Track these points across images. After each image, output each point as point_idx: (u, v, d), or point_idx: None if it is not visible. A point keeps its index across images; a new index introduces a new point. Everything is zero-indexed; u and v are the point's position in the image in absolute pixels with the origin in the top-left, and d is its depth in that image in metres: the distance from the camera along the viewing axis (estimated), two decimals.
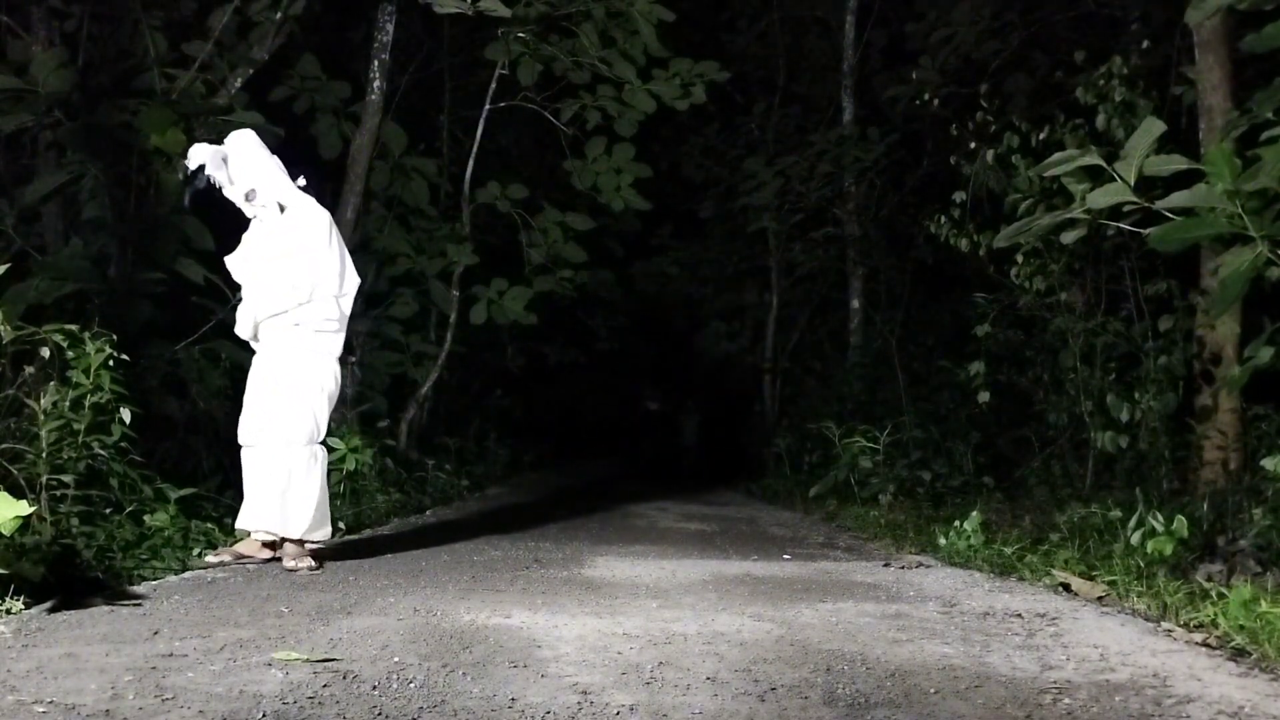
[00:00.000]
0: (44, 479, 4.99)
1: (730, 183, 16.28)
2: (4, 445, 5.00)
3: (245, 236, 5.36)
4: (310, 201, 5.41)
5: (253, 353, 5.45)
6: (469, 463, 12.69)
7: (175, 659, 3.16)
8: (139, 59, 8.69)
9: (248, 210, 5.32)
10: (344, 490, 7.47)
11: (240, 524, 5.34)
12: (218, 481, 6.59)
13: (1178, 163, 4.58)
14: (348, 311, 5.43)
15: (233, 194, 5.29)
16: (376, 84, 11.20)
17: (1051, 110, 8.39)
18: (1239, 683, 3.13)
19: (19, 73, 7.68)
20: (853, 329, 14.64)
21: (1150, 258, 7.57)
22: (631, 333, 20.12)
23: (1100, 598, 4.69)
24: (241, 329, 5.41)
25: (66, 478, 5.07)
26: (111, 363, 5.36)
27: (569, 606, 4.31)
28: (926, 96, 10.26)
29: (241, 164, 5.36)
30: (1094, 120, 7.57)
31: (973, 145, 8.70)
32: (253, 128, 8.76)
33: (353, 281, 5.43)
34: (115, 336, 5.46)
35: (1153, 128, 4.66)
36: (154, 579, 4.89)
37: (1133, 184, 4.70)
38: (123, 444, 5.51)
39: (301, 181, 5.44)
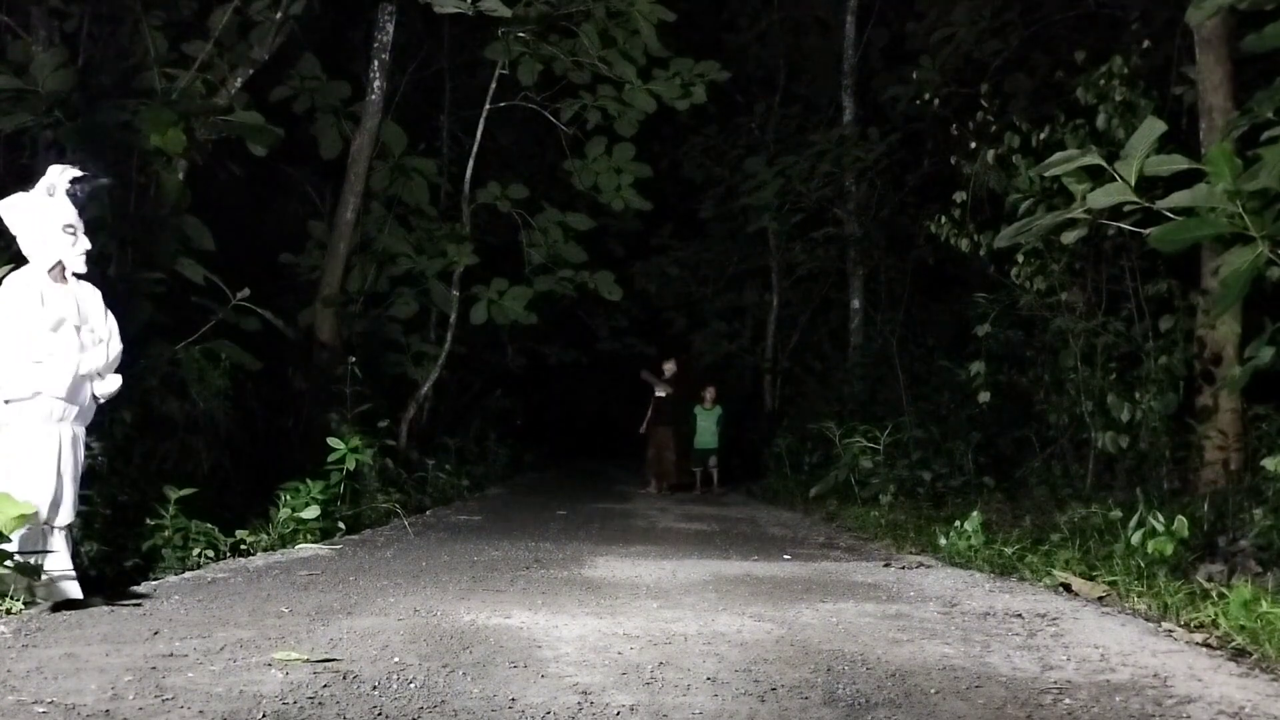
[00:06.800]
0: None
1: (730, 183, 16.27)
2: None
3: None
4: None
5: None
6: (469, 463, 12.68)
7: (175, 659, 3.16)
8: (139, 59, 8.68)
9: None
10: (344, 490, 7.48)
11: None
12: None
13: (1178, 163, 4.58)
14: None
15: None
16: (376, 84, 11.20)
17: (1052, 110, 8.38)
18: (1239, 683, 3.12)
19: (19, 73, 7.67)
20: (853, 329, 14.63)
21: (1151, 258, 7.57)
22: (631, 333, 20.01)
23: (1101, 598, 4.69)
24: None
25: None
26: None
27: (569, 607, 4.31)
28: (927, 96, 10.23)
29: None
30: (1094, 120, 7.57)
31: (973, 145, 8.69)
32: (253, 127, 8.83)
33: None
34: None
35: (1153, 128, 4.66)
36: (154, 579, 4.90)
37: (1133, 184, 4.70)
38: (122, 444, 5.50)
39: None
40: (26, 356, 4.15)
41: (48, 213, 4.28)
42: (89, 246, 4.41)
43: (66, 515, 4.19)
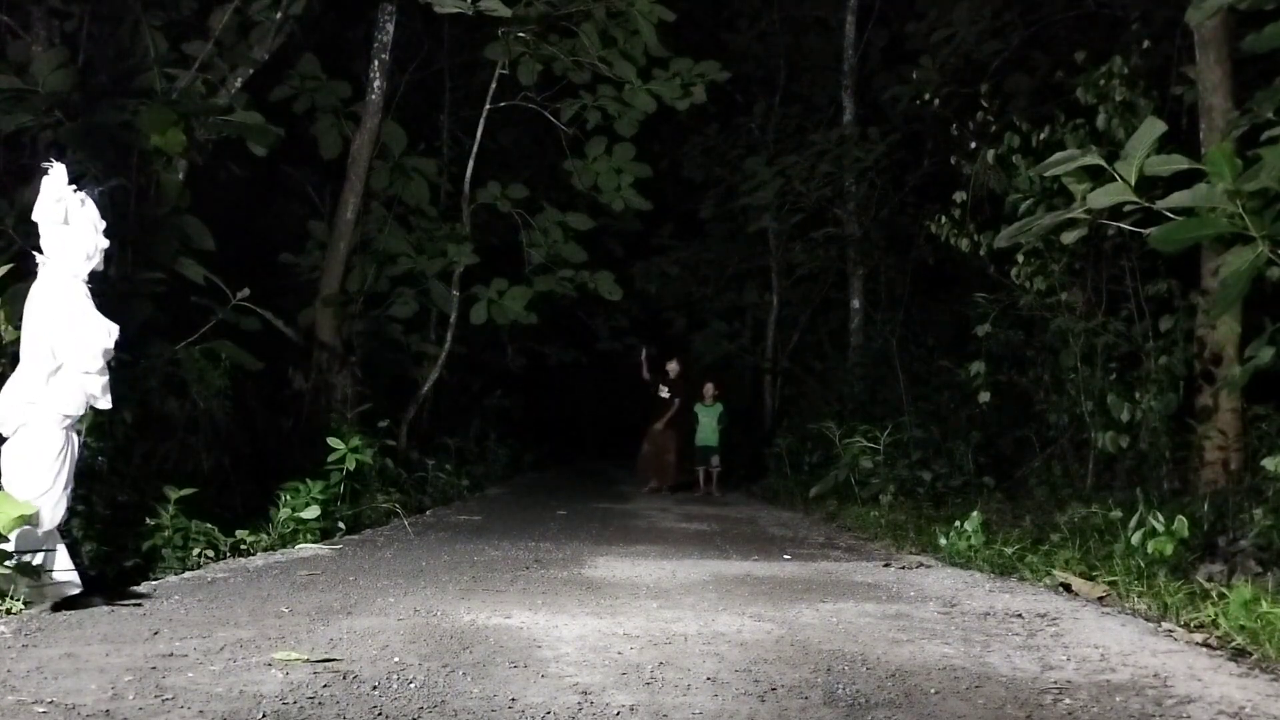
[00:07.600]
0: None
1: (730, 183, 16.27)
2: None
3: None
4: None
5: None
6: (469, 463, 12.69)
7: (175, 659, 3.16)
8: (139, 59, 8.68)
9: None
10: (344, 490, 7.48)
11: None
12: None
13: (1178, 163, 4.58)
14: None
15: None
16: (376, 84, 11.20)
17: (1052, 110, 8.39)
18: (1240, 683, 3.12)
19: (19, 73, 7.67)
20: (853, 329, 14.64)
21: (1151, 258, 7.57)
22: (631, 333, 20.02)
23: (1101, 598, 4.69)
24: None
25: None
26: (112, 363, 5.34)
27: (569, 607, 4.31)
28: (927, 96, 10.24)
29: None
30: (1094, 120, 7.57)
31: (973, 145, 8.69)
32: (253, 127, 8.83)
33: None
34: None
35: (1153, 128, 4.66)
36: (154, 579, 4.90)
37: (1133, 184, 4.70)
38: (123, 444, 5.50)
39: None
40: (91, 366, 4.14)
41: (95, 218, 4.30)
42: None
43: (63, 513, 4.21)
